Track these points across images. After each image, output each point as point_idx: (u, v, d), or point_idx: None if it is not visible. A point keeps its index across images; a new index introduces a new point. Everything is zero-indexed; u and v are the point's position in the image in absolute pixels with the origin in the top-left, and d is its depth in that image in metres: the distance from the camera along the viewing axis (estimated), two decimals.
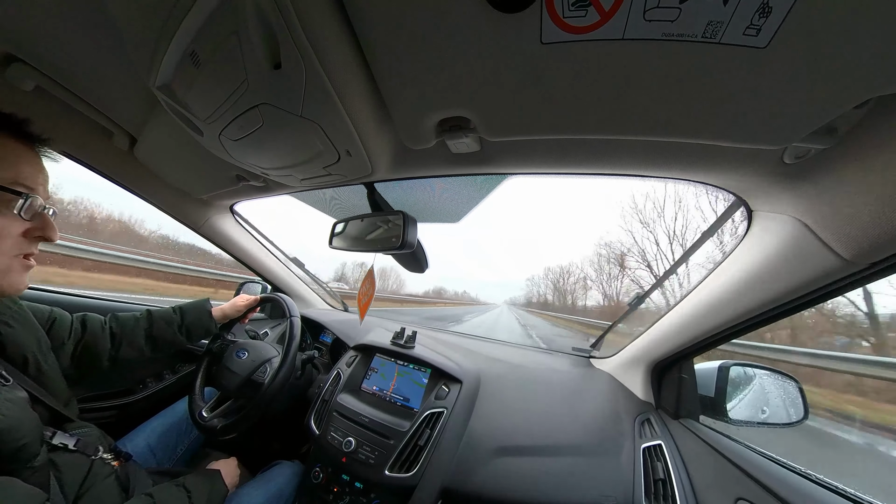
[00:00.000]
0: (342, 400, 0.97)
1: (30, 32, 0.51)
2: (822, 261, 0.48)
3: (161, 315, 0.90)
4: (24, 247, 0.51)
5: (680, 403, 0.86)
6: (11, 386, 0.51)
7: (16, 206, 0.48)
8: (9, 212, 0.48)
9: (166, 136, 0.74)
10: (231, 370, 0.93)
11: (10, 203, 0.48)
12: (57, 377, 0.65)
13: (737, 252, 0.63)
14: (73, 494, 0.55)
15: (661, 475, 0.71)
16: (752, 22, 0.28)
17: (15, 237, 0.49)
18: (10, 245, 0.49)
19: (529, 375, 1.06)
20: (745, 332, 0.69)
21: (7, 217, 0.48)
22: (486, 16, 0.32)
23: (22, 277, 0.52)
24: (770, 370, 0.84)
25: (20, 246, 0.50)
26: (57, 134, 0.76)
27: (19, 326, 0.61)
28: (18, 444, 0.45)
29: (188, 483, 0.67)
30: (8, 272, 0.49)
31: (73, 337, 0.75)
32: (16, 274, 0.50)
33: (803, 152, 0.43)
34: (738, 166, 0.50)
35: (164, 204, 1.09)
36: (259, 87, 0.43)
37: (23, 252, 0.51)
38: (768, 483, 0.59)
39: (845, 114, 0.35)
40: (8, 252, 0.48)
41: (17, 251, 0.50)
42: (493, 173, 0.69)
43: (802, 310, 0.57)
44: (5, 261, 0.48)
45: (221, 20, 0.37)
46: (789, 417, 0.77)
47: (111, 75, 0.60)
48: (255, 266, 1.42)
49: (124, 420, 1.06)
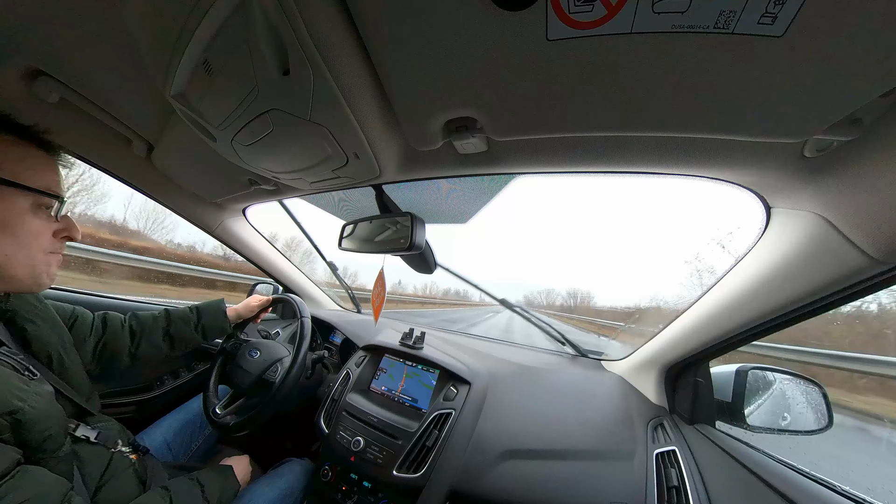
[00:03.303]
0: (351, 399, 0.97)
1: (55, 48, 0.54)
2: (846, 259, 0.46)
3: (178, 314, 0.93)
4: (55, 246, 0.57)
5: (695, 408, 0.83)
6: (38, 380, 0.53)
7: (53, 210, 0.55)
8: (45, 214, 0.54)
9: (182, 142, 0.77)
10: (244, 369, 0.96)
11: (47, 207, 0.54)
12: (79, 373, 0.67)
13: (755, 251, 0.60)
14: (94, 485, 0.57)
15: (675, 482, 0.69)
16: (768, 9, 0.27)
17: (49, 237, 0.55)
18: (46, 244, 0.55)
19: (539, 377, 1.05)
20: (764, 335, 0.66)
21: (44, 219, 0.54)
22: (491, 15, 0.32)
23: (56, 270, 0.58)
24: (792, 374, 0.80)
25: (53, 245, 0.57)
26: (79, 143, 0.81)
27: (44, 324, 0.64)
28: (45, 435, 0.47)
29: (202, 478, 0.69)
30: (48, 266, 0.56)
31: (94, 334, 0.78)
32: (53, 267, 0.57)
33: (825, 145, 0.41)
34: (756, 161, 0.48)
35: (180, 208, 1.12)
36: (269, 94, 0.44)
37: (55, 250, 0.57)
38: (791, 494, 0.56)
39: (870, 103, 0.34)
40: (45, 249, 0.55)
41: (52, 248, 0.56)
42: (500, 173, 0.68)
43: (826, 311, 0.55)
44: (45, 256, 0.55)
45: (232, 30, 0.38)
46: (812, 425, 0.73)
47: (129, 86, 0.63)
48: (267, 267, 1.45)
49: (143, 415, 1.10)
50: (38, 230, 0.53)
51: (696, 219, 52.72)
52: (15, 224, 0.50)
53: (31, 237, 0.52)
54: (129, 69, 0.58)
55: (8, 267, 0.51)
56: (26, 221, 0.51)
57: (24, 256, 0.52)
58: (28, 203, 0.51)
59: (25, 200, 0.51)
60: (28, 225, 0.52)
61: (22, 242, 0.51)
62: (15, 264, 0.51)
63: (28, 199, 0.51)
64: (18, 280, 0.53)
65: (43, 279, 0.56)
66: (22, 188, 0.50)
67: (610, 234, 53.57)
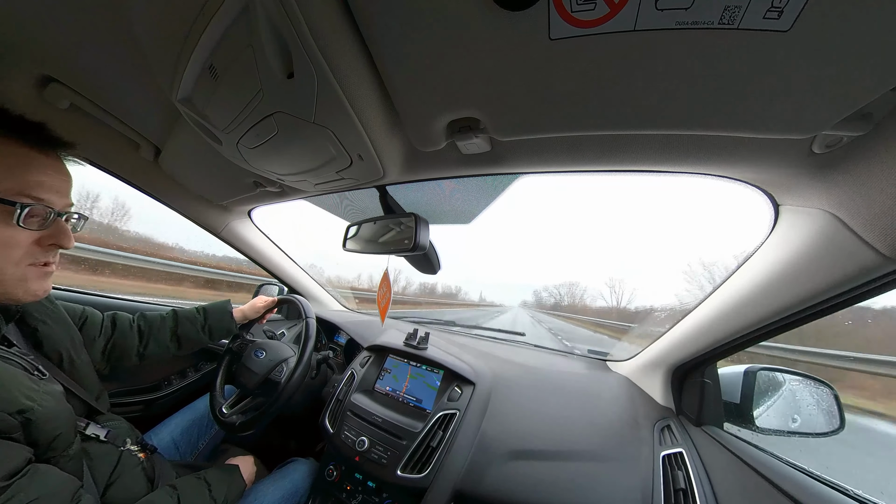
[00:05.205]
0: (356, 400, 0.98)
1: (66, 55, 0.55)
2: (857, 257, 0.45)
3: (186, 315, 0.95)
4: (38, 256, 0.50)
5: (702, 409, 0.82)
6: (48, 380, 0.54)
7: (13, 217, 0.46)
8: (12, 221, 0.46)
9: (188, 146, 0.78)
10: (250, 369, 0.96)
11: (11, 214, 0.46)
12: (89, 372, 0.69)
13: (763, 249, 0.60)
14: (103, 483, 0.58)
15: (682, 485, 0.68)
16: (773, 4, 0.27)
17: (25, 247, 0.48)
18: (21, 255, 0.48)
19: (544, 378, 1.04)
20: (773, 335, 0.65)
21: (11, 227, 0.46)
22: (493, 15, 0.32)
23: (41, 283, 0.51)
24: (802, 375, 0.78)
25: (33, 255, 0.49)
26: (88, 147, 0.82)
27: (54, 324, 0.65)
28: (55, 434, 0.48)
29: (209, 476, 0.70)
30: (24, 280, 0.49)
31: (103, 334, 0.80)
32: (32, 282, 0.50)
33: (834, 141, 0.41)
34: (763, 158, 0.47)
35: (187, 210, 1.14)
36: (273, 97, 0.45)
37: (38, 261, 0.50)
38: (802, 498, 0.55)
39: (880, 98, 0.33)
40: (20, 262, 0.48)
41: (30, 260, 0.49)
42: (504, 173, 0.68)
43: (837, 310, 0.54)
44: (19, 270, 0.48)
45: (236, 35, 0.38)
46: (823, 427, 0.71)
47: (137, 91, 0.64)
48: (272, 268, 1.46)
49: (151, 414, 1.11)
50: (7, 240, 0.46)
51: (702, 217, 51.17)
52: None
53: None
54: (137, 75, 0.59)
55: None
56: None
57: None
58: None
59: None
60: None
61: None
62: None
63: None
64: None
65: (18, 295, 0.48)
66: None
67: (613, 234, 52.58)
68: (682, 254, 33.73)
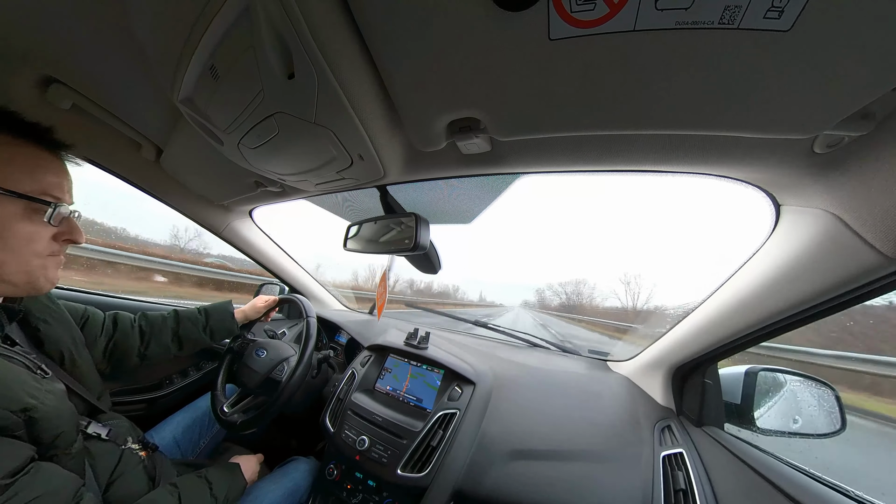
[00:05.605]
0: (356, 399, 0.98)
1: (68, 56, 0.56)
2: (859, 258, 0.45)
3: (187, 315, 0.95)
4: (54, 248, 0.55)
5: (703, 410, 0.82)
6: (50, 379, 0.54)
7: (45, 215, 0.52)
8: (39, 219, 0.52)
9: (189, 146, 0.79)
10: (251, 368, 0.97)
11: (40, 212, 0.51)
12: (90, 371, 0.69)
13: (764, 249, 0.59)
14: (105, 481, 0.58)
15: (683, 485, 0.68)
16: (774, 4, 0.26)
17: (46, 241, 0.53)
18: (43, 247, 0.53)
19: (544, 378, 1.04)
20: (774, 335, 0.64)
21: (37, 224, 0.52)
22: (493, 15, 0.32)
23: (56, 273, 0.57)
24: (803, 376, 0.78)
25: (51, 248, 0.55)
26: (90, 147, 0.83)
27: (56, 324, 0.65)
28: (57, 432, 0.48)
29: (210, 475, 0.70)
30: (45, 269, 0.54)
31: (105, 334, 0.80)
32: (51, 270, 0.55)
33: (836, 141, 0.40)
34: (764, 158, 0.47)
35: (188, 210, 1.14)
36: (274, 97, 0.45)
37: (54, 253, 0.55)
38: (803, 499, 0.55)
39: (882, 97, 0.33)
40: (42, 253, 0.53)
41: (49, 252, 0.54)
42: (504, 173, 0.68)
43: (838, 311, 0.53)
44: (41, 261, 0.53)
45: (237, 36, 0.38)
46: (825, 428, 0.71)
47: (139, 92, 0.65)
48: (273, 268, 1.47)
49: (152, 413, 1.12)
50: (32, 235, 0.51)
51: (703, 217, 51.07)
52: (5, 230, 0.48)
53: (23, 243, 0.50)
54: (139, 76, 0.59)
55: (2, 273, 0.49)
56: (19, 227, 0.49)
57: (18, 263, 0.50)
58: (19, 208, 0.49)
59: (15, 205, 0.49)
60: (20, 231, 0.49)
61: (14, 248, 0.49)
62: (9, 270, 0.50)
63: (19, 203, 0.49)
64: (14, 285, 0.51)
65: (40, 283, 0.54)
66: (9, 194, 0.48)
67: (613, 234, 52.55)
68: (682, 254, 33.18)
